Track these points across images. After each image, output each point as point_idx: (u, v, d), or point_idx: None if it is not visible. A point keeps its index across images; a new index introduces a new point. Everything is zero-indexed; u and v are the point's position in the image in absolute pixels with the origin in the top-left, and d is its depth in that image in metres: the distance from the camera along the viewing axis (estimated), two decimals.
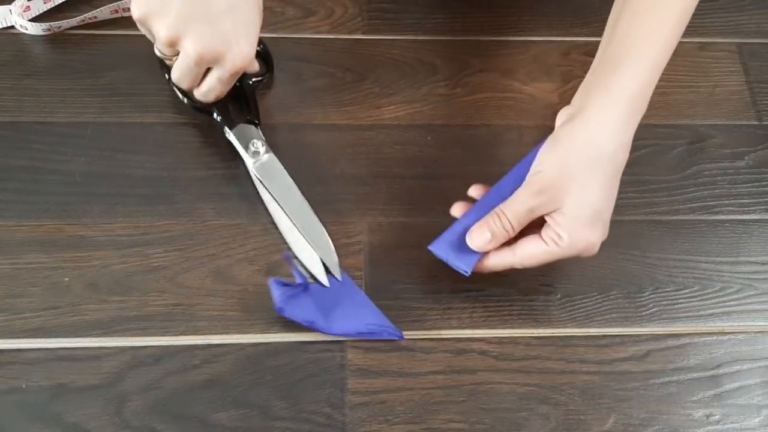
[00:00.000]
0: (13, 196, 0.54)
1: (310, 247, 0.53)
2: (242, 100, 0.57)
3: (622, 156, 0.48)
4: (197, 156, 0.57)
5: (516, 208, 0.48)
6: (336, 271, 0.53)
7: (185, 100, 0.57)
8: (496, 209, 0.49)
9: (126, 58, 0.60)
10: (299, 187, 0.55)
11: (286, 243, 0.54)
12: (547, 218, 0.48)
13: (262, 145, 0.56)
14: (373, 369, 0.51)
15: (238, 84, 0.56)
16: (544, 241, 0.48)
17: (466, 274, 0.49)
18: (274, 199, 0.54)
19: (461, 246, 0.49)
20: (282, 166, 0.56)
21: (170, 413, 0.48)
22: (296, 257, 0.53)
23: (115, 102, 0.59)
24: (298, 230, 0.54)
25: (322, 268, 0.53)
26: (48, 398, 0.48)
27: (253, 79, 0.59)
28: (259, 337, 0.51)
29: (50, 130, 0.57)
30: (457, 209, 0.51)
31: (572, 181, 0.47)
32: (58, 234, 0.53)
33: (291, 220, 0.54)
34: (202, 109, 0.56)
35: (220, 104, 0.56)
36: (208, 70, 0.52)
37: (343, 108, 0.60)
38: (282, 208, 0.54)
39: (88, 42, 0.61)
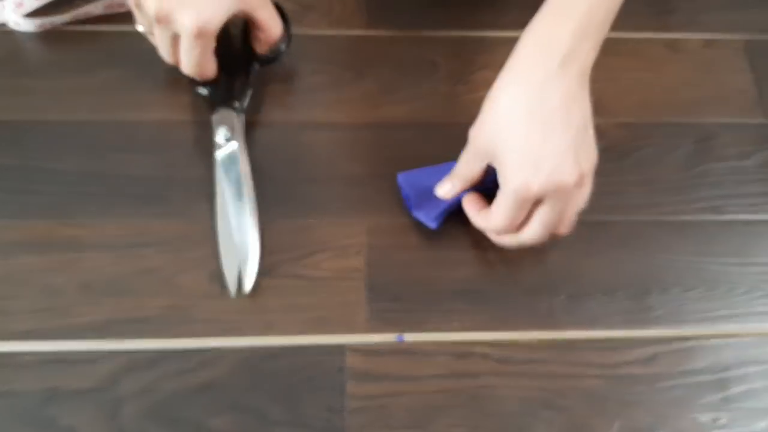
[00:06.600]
0: (5, 196, 0.54)
1: (234, 250, 0.52)
2: (237, 84, 0.57)
3: (550, 92, 0.48)
4: (192, 155, 0.56)
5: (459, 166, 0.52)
6: (249, 281, 0.51)
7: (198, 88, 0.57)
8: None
9: (120, 56, 0.60)
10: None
11: (215, 237, 0.52)
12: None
13: (231, 133, 0.55)
14: (373, 373, 0.50)
15: (236, 63, 0.57)
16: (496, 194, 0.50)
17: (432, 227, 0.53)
18: (223, 191, 0.53)
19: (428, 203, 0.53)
20: (244, 159, 0.54)
21: (165, 417, 0.48)
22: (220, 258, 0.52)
23: (109, 100, 0.58)
24: (231, 229, 0.52)
25: (236, 275, 0.51)
26: (41, 402, 0.48)
27: (266, 55, 0.58)
28: (256, 340, 0.51)
29: (43, 128, 0.56)
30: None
31: (498, 127, 0.49)
32: (51, 234, 0.53)
33: (229, 218, 0.52)
34: (201, 86, 0.57)
35: (214, 84, 0.56)
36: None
37: (343, 106, 0.59)
38: (226, 203, 0.53)
39: (82, 39, 0.60)
